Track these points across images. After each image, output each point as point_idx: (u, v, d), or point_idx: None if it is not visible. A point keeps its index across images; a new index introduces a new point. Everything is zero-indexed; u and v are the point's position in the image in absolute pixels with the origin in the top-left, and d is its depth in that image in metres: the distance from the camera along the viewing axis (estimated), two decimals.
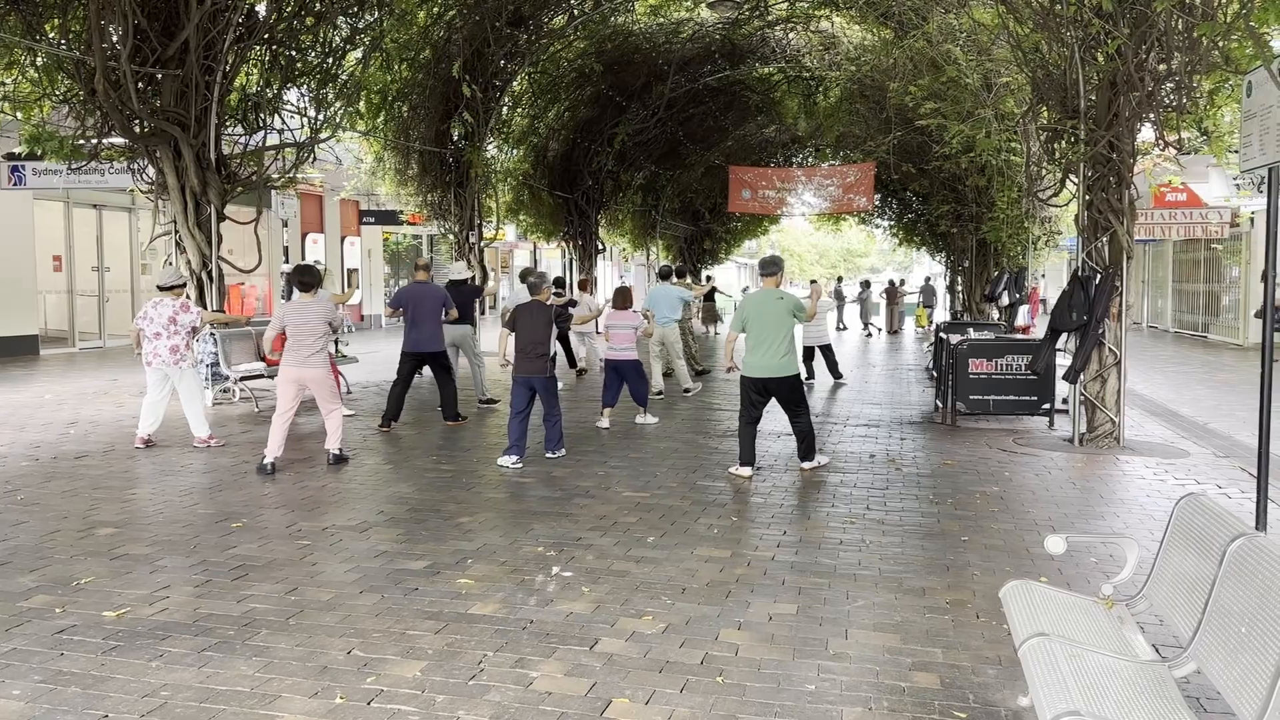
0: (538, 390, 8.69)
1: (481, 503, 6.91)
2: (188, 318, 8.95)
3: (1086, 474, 8.39)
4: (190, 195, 11.50)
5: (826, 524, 6.49)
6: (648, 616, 4.65)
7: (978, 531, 6.35)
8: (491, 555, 5.62)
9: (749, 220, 38.25)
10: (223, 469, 8.01)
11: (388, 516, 6.46)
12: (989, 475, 8.19)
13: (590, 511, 6.70)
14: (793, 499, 7.29)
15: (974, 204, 21.53)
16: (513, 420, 8.51)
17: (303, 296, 8.25)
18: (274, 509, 6.63)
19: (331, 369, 10.69)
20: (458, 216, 18.21)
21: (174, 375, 8.95)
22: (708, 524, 6.41)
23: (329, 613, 4.63)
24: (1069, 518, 6.78)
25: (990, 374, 10.87)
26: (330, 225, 25.18)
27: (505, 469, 8.16)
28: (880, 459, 8.88)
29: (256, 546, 5.73)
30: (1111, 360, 9.69)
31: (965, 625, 4.63)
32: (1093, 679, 3.02)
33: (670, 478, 7.87)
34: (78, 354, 17.68)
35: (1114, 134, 9.31)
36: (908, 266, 72.39)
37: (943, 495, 7.41)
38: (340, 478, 7.71)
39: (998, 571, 5.48)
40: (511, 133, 20.22)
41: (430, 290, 10.41)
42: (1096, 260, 9.69)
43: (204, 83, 11.37)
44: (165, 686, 3.82)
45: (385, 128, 16.16)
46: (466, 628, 4.47)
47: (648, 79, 21.82)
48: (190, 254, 11.64)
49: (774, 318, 8.04)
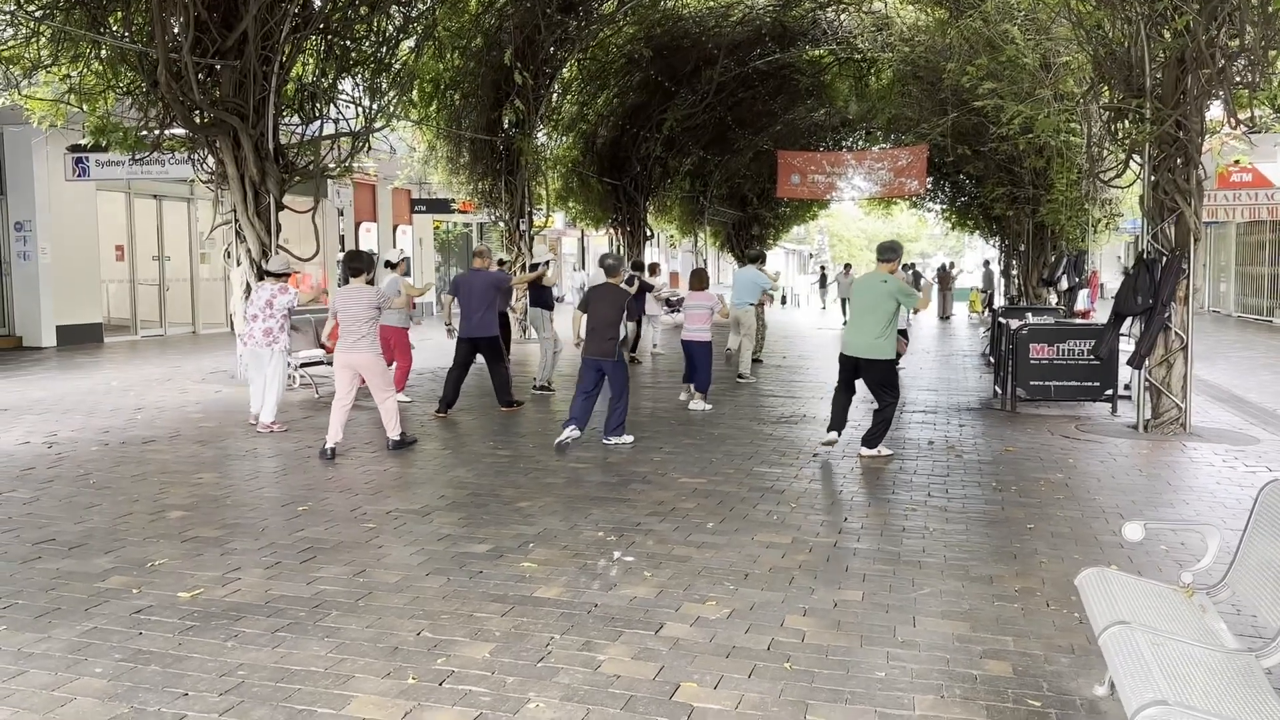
0: (606, 372, 8.69)
1: (539, 488, 6.94)
2: (285, 299, 9.12)
3: (1153, 461, 8.21)
4: (249, 185, 11.67)
5: (889, 511, 6.43)
6: (711, 602, 4.64)
7: (1043, 519, 6.25)
8: (552, 539, 5.64)
9: (797, 205, 37.91)
10: (286, 454, 8.14)
11: (449, 501, 6.52)
12: (1052, 462, 8.05)
13: (648, 497, 6.70)
14: (852, 486, 7.23)
15: (1031, 186, 21.13)
16: (577, 398, 8.56)
17: (353, 282, 8.34)
18: (338, 493, 6.72)
19: (402, 346, 10.80)
20: (508, 204, 18.30)
21: (264, 357, 9.11)
22: (766, 510, 6.38)
23: (397, 594, 4.69)
24: (1138, 505, 6.64)
25: (1051, 359, 10.68)
26: (383, 214, 25.44)
27: (564, 440, 8.28)
28: (939, 445, 8.77)
29: (323, 529, 5.81)
30: (1178, 345, 9.46)
31: (1035, 613, 4.56)
32: (1178, 668, 2.95)
33: (726, 464, 7.84)
34: (140, 341, 18.08)
35: (1181, 113, 9.07)
36: (959, 251, 71.31)
37: (1005, 482, 7.30)
38: (400, 462, 7.79)
39: (1066, 559, 5.38)
40: (561, 120, 20.24)
41: (482, 276, 10.47)
42: (1162, 242, 9.46)
43: (261, 73, 11.51)
44: (241, 666, 3.90)
45: (437, 116, 16.27)
46: (532, 610, 4.49)
47: (697, 63, 21.71)
48: (250, 243, 11.82)
49: (873, 299, 8.08)
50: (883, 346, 8.11)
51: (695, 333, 10.87)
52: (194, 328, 19.93)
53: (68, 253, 17.03)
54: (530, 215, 18.75)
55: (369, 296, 8.19)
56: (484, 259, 10.90)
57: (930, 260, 55.98)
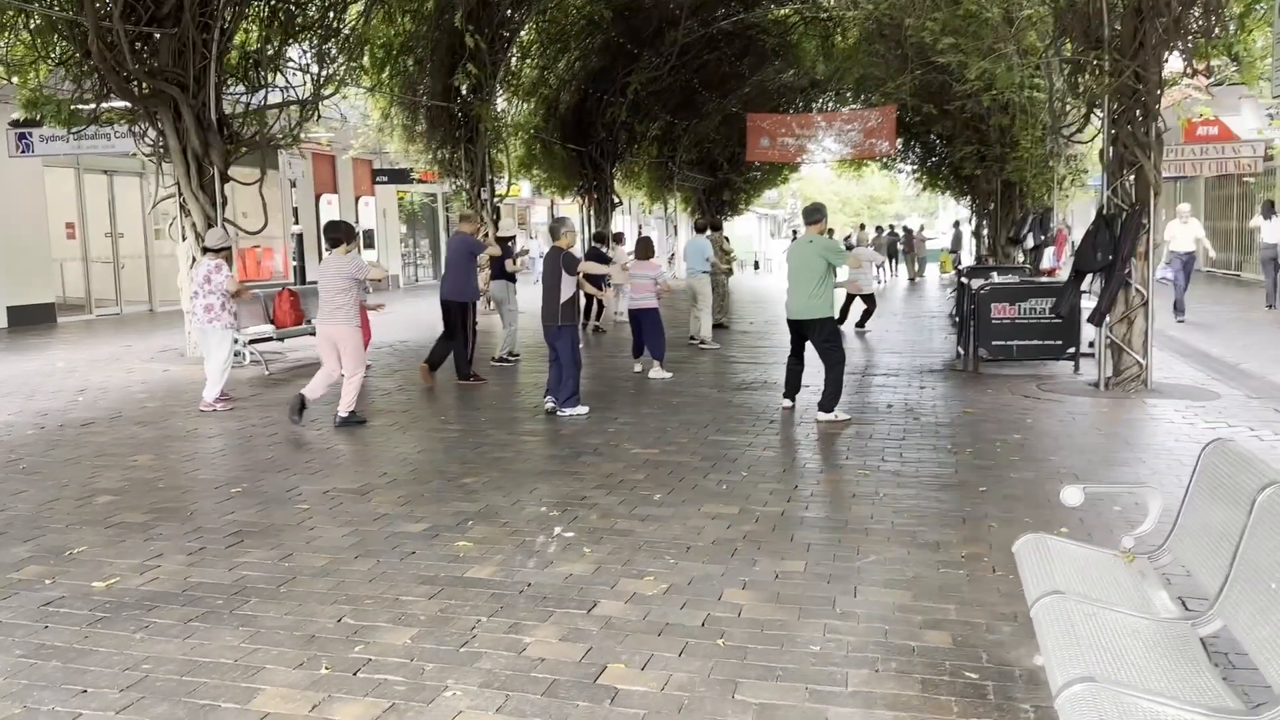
0: (553, 340, 8.53)
1: (487, 463, 6.76)
2: (219, 278, 8.85)
3: (1112, 419, 8.13)
4: (192, 157, 11.33)
5: (840, 477, 6.30)
6: (649, 577, 4.49)
7: (997, 482, 6.14)
8: (493, 516, 5.47)
9: (768, 169, 37.61)
10: (229, 434, 7.91)
11: (390, 479, 6.33)
12: (1010, 423, 7.95)
13: (597, 470, 6.54)
14: (807, 452, 7.10)
15: (998, 144, 20.98)
16: (549, 367, 8.64)
17: (332, 253, 8.12)
18: (275, 473, 6.51)
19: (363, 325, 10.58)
20: (469, 173, 17.96)
21: (207, 333, 8.86)
22: (717, 480, 6.24)
23: (322, 579, 4.51)
24: (1093, 465, 6.55)
25: (1013, 318, 10.57)
26: (344, 185, 24.99)
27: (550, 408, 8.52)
28: (898, 408, 8.65)
29: (254, 512, 5.61)
30: (1139, 301, 9.37)
31: (980, 580, 4.44)
32: (1110, 640, 2.82)
33: (681, 433, 7.69)
34: (95, 321, 17.69)
35: (1139, 63, 8.90)
36: (932, 212, 71.23)
37: (961, 445, 7.19)
38: (347, 440, 7.59)
39: (1016, 523, 5.27)
40: (521, 85, 19.85)
41: (457, 241, 10.44)
42: (1122, 197, 9.33)
43: (201, 41, 11.14)
44: (148, 659, 3.71)
45: (391, 83, 15.88)
46: (461, 592, 4.32)
47: (659, 25, 21.32)
48: (195, 217, 11.49)
49: (803, 261, 8.23)
50: (819, 305, 8.19)
51: (641, 301, 10.75)
52: (150, 305, 19.53)
53: (15, 232, 16.57)
54: (492, 184, 18.42)
55: (344, 267, 7.97)
56: (470, 223, 10.74)
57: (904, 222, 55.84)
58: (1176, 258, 15.24)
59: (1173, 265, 15.13)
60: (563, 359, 8.55)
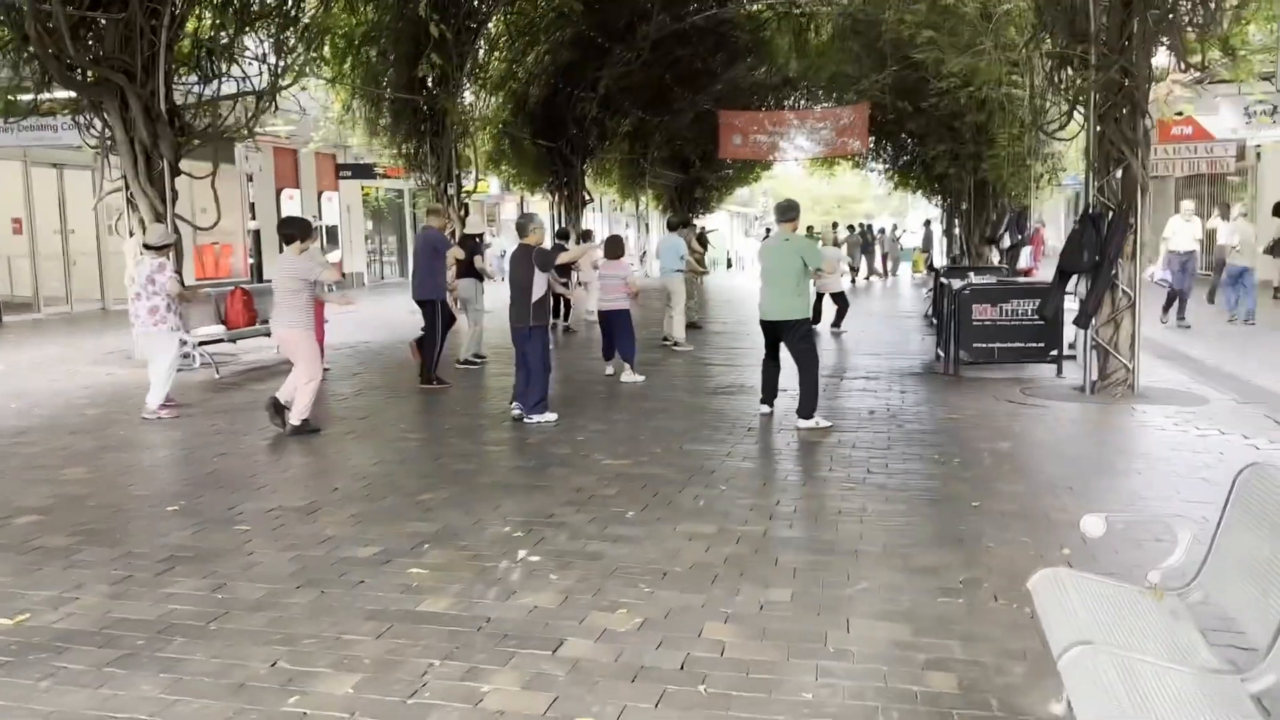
0: (522, 342, 8.13)
1: (447, 477, 6.32)
2: (163, 279, 8.32)
3: (1102, 426, 7.83)
4: (140, 149, 10.76)
5: (824, 491, 5.92)
6: (622, 610, 4.08)
7: (989, 495, 5.79)
8: (452, 538, 5.04)
9: (741, 167, 37.30)
10: (172, 444, 7.41)
11: (341, 495, 5.87)
12: (997, 430, 7.62)
13: (566, 483, 6.12)
14: (787, 463, 6.72)
15: (972, 142, 20.76)
16: (516, 370, 8.27)
17: (285, 251, 7.65)
18: (217, 489, 6.04)
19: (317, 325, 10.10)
20: (434, 168, 17.42)
21: (152, 337, 8.35)
22: (694, 495, 5.84)
23: (257, 614, 4.06)
24: (1087, 477, 6.22)
25: (995, 320, 10.26)
26: (306, 180, 24.34)
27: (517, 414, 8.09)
28: (880, 415, 8.30)
29: (190, 534, 5.14)
30: (1125, 303, 9.08)
31: (982, 611, 4.07)
32: (1153, 699, 2.46)
33: (655, 442, 7.28)
34: (43, 321, 17.00)
35: (1127, 58, 8.62)
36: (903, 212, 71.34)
37: (948, 454, 6.84)
38: (298, 450, 7.11)
39: (1014, 543, 4.91)
40: (489, 78, 19.33)
41: (423, 235, 10.06)
42: (1108, 195, 9.04)
43: (150, 27, 10.58)
44: (54, 714, 3.26)
45: (353, 74, 15.33)
46: (413, 630, 3.89)
47: (631, 18, 20.89)
48: (143, 212, 10.92)
49: (779, 260, 7.88)
50: (798, 306, 7.89)
51: (612, 302, 10.34)
52: (103, 304, 18.83)
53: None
54: (459, 179, 17.90)
55: (295, 266, 7.50)
56: (438, 217, 10.32)
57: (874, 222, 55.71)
58: (1176, 258, 14.32)
59: (1170, 265, 14.30)
60: (532, 363, 8.14)
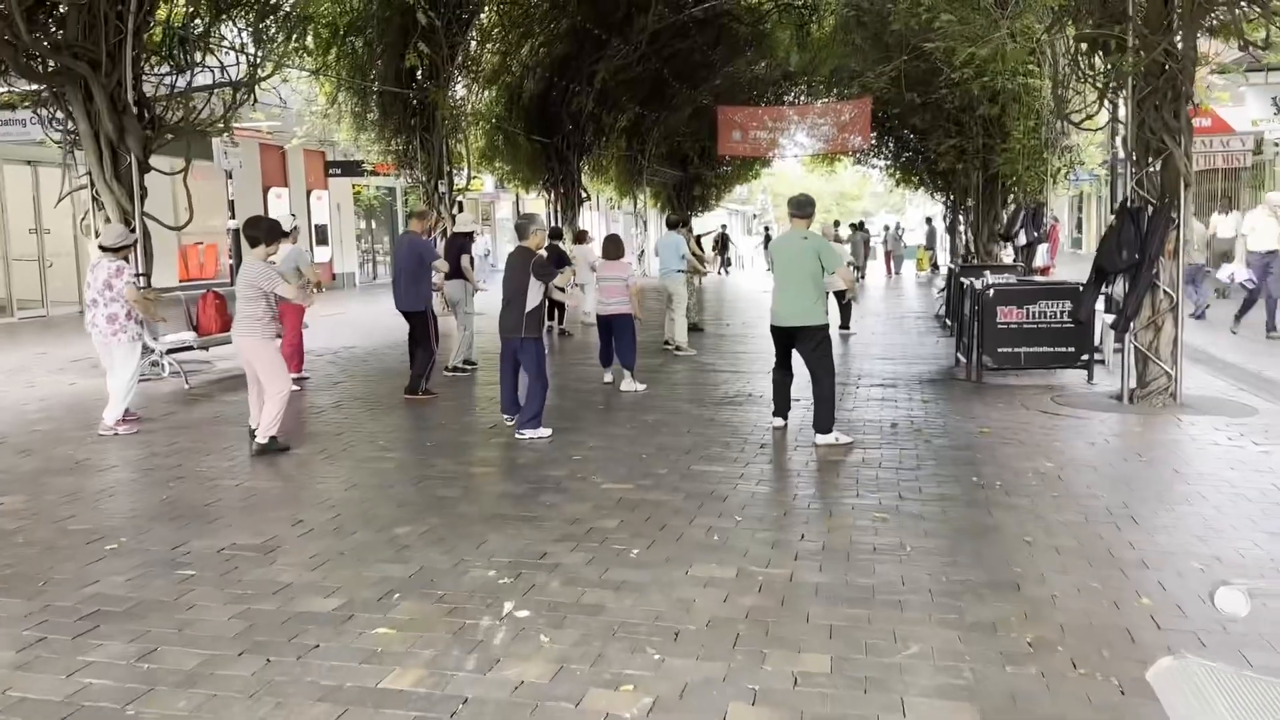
0: (516, 352, 7.48)
1: (427, 504, 5.62)
2: (120, 283, 7.61)
3: (1149, 441, 7.13)
4: (105, 143, 10.04)
5: (853, 522, 5.22)
6: (627, 686, 3.38)
7: (1040, 526, 5.09)
8: (427, 586, 4.34)
9: (740, 164, 36.61)
10: (126, 465, 6.70)
11: (305, 529, 5.17)
12: (1036, 446, 6.92)
13: (561, 513, 5.42)
14: (808, 487, 6.02)
15: (981, 137, 20.08)
16: (503, 382, 7.70)
17: (250, 254, 6.96)
18: (167, 522, 5.33)
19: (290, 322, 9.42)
20: (425, 164, 16.72)
21: (111, 347, 7.64)
22: (705, 527, 5.14)
23: (185, 694, 3.36)
24: (1146, 503, 5.52)
25: (1021, 323, 9.57)
26: (295, 178, 23.60)
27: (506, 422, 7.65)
28: (904, 429, 7.60)
29: (123, 580, 4.44)
30: (1166, 305, 8.40)
31: (1061, 682, 3.38)
32: None
33: (659, 461, 6.58)
34: (16, 325, 16.26)
35: (1170, 40, 7.93)
36: (901, 209, 70.75)
37: (987, 476, 6.15)
38: (264, 472, 6.41)
39: (1083, 590, 4.22)
40: (482, 71, 18.62)
41: (407, 242, 9.32)
42: (1148, 189, 8.35)
43: (115, 14, 9.86)
44: None
45: (338, 65, 14.61)
46: (373, 716, 3.19)
47: (628, 10, 20.18)
48: (109, 210, 10.21)
49: (796, 259, 7.16)
50: (816, 311, 7.16)
51: (613, 305, 9.63)
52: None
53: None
54: (450, 176, 17.19)
55: (254, 274, 6.81)
56: (422, 221, 9.60)
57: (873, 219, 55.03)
58: (1258, 258, 12.81)
59: (1253, 266, 12.82)
60: (529, 374, 7.46)
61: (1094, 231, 34.37)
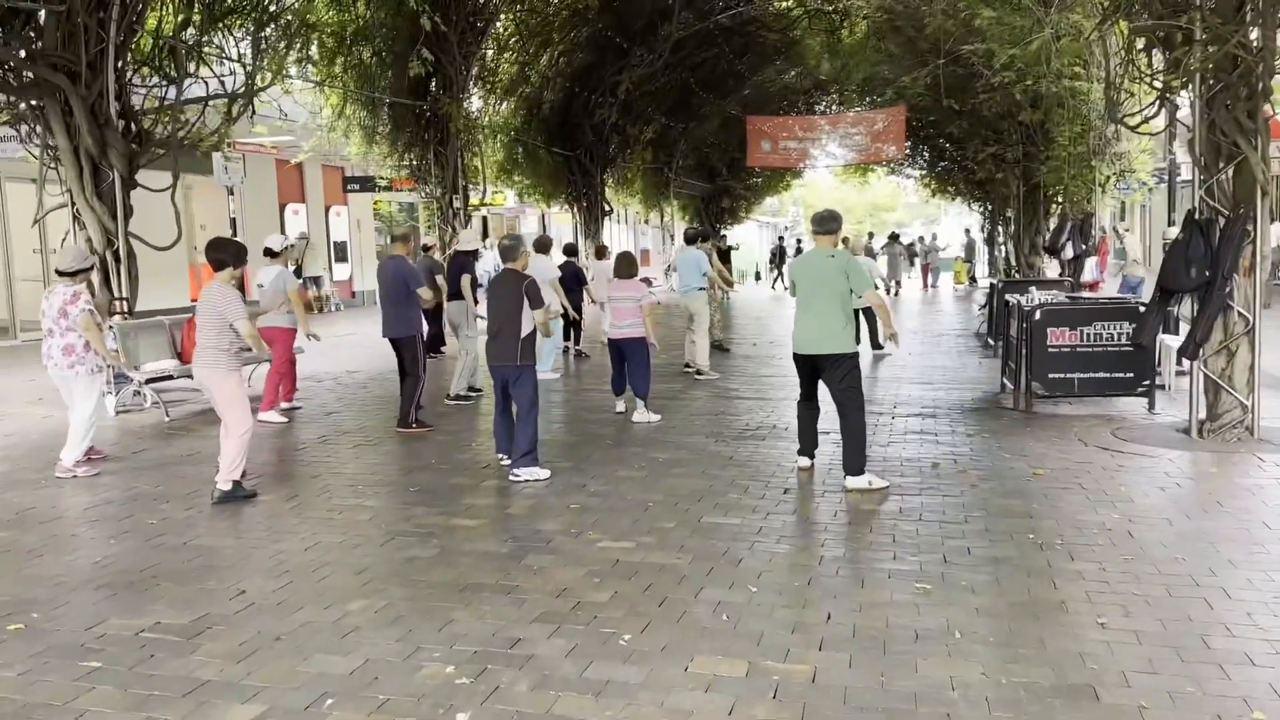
0: (508, 385, 6.74)
1: (393, 571, 4.86)
2: (76, 310, 6.96)
3: (1229, 486, 6.23)
4: (86, 159, 9.46)
5: (891, 597, 4.39)
6: None
7: (1116, 602, 4.25)
8: (368, 687, 3.57)
9: (769, 176, 35.82)
10: (73, 515, 6.02)
11: (245, 604, 4.43)
12: (1099, 493, 6.05)
13: (547, 581, 4.65)
14: (837, 546, 5.19)
15: (1021, 144, 19.15)
16: (496, 416, 7.06)
17: (214, 277, 6.30)
18: (90, 593, 4.62)
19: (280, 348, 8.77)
20: (439, 179, 16.09)
21: (68, 380, 7.02)
22: (714, 602, 4.34)
23: None
24: (1239, 569, 4.65)
25: (1075, 346, 8.70)
26: (312, 194, 23.10)
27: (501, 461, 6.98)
28: (947, 469, 6.75)
29: (15, 676, 3.71)
30: (1241, 328, 7.49)
31: None
32: None
33: (667, 512, 5.79)
34: (20, 347, 15.74)
35: (1245, 31, 7.06)
36: (935, 220, 69.55)
37: (1047, 532, 5.29)
38: (220, 528, 5.68)
39: (1178, 696, 3.38)
40: (499, 81, 17.99)
41: (391, 266, 8.51)
42: (1218, 198, 7.46)
43: (97, 22, 9.29)
44: None
45: (344, 76, 14.02)
46: None
47: (651, 17, 19.48)
48: (91, 231, 9.63)
49: (823, 278, 6.37)
50: (844, 338, 6.37)
51: (626, 329, 8.85)
52: None
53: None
54: (465, 191, 16.53)
55: (217, 302, 6.14)
56: (404, 244, 8.84)
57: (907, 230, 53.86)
58: None
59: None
60: (520, 408, 6.71)
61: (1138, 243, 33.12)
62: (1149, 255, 31.61)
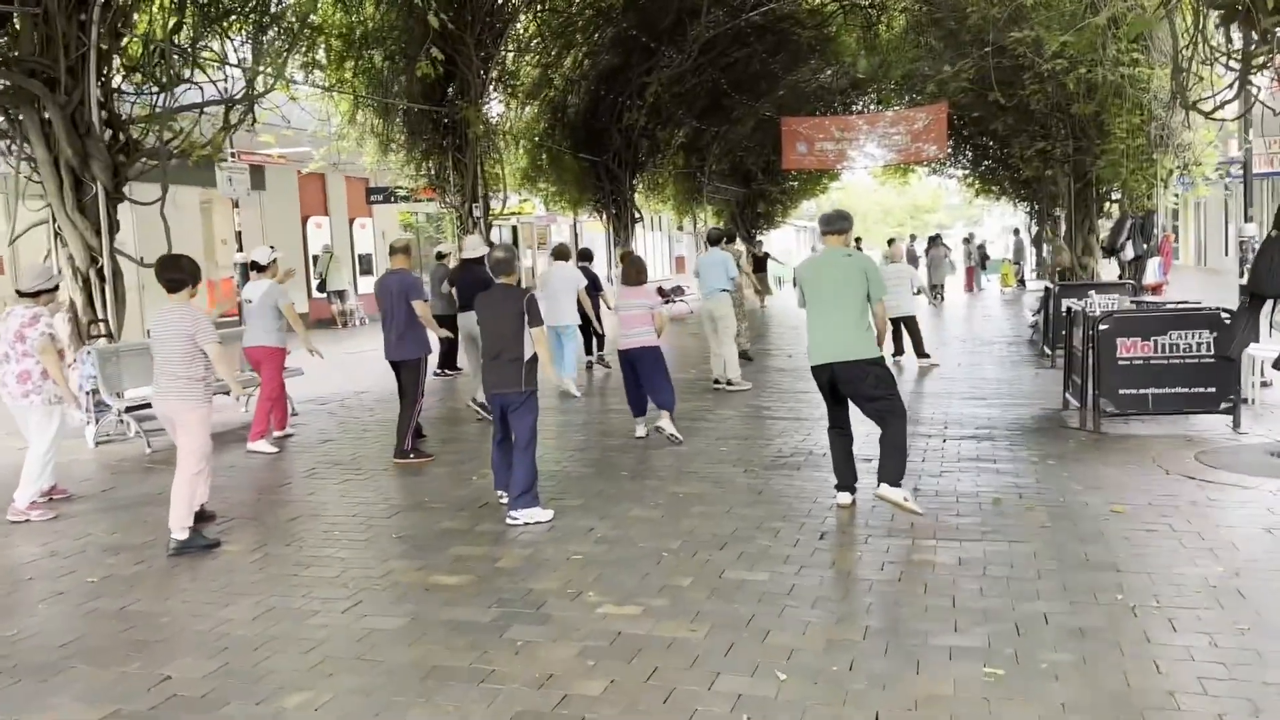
0: (507, 412, 5.96)
1: (345, 647, 4.08)
2: (34, 334, 6.31)
3: None
4: (66, 171, 8.86)
5: (953, 690, 3.52)
6: None
7: (1239, 695, 3.35)
8: None
9: (806, 178, 34.87)
10: (13, 568, 5.32)
11: (165, 695, 3.67)
12: (1194, 536, 5.12)
13: (528, 662, 3.84)
14: (883, 610, 4.33)
15: (1071, 139, 18.10)
16: (493, 448, 6.21)
17: (170, 300, 5.59)
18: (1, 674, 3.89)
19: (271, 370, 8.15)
20: (458, 187, 15.41)
21: (23, 411, 6.39)
22: (731, 697, 3.51)
23: None
24: None
25: (1148, 358, 7.75)
26: (336, 206, 22.56)
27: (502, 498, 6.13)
28: (1010, 506, 5.85)
29: None
30: None
31: None
32: None
33: (685, 563, 4.96)
34: None
35: None
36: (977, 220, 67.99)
37: (1138, 590, 4.38)
38: (164, 590, 4.94)
39: None
40: (520, 85, 17.29)
41: (394, 282, 7.76)
42: None
43: (77, 23, 8.70)
44: None
45: (355, 81, 13.37)
46: None
47: (679, 16, 18.68)
48: (73, 247, 9.03)
49: (840, 281, 5.70)
50: (867, 342, 5.65)
51: (637, 338, 8.06)
52: None
53: None
54: (485, 199, 15.84)
55: (183, 323, 5.44)
56: (405, 256, 8.08)
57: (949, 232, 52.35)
58: None
59: None
60: (519, 440, 5.92)
61: (1192, 242, 31.73)
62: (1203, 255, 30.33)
